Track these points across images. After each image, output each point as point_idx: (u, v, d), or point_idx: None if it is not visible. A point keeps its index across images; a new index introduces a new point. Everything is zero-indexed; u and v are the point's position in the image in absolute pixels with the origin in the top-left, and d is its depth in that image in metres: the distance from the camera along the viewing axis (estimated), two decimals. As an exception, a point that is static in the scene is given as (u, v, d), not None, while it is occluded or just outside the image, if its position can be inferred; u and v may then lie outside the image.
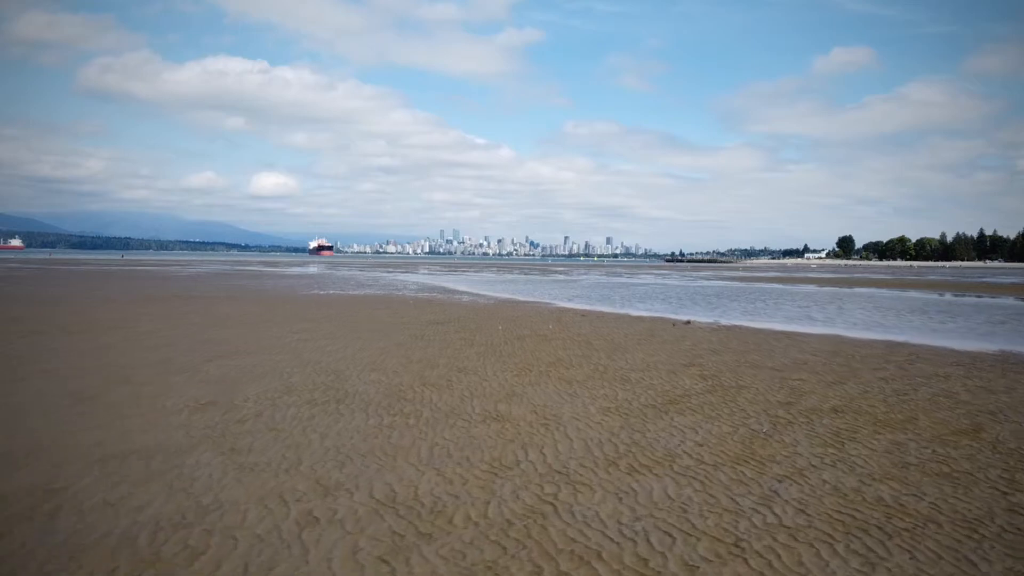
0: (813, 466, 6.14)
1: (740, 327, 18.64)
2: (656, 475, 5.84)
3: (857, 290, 42.29)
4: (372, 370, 10.73)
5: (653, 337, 15.74)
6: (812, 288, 44.71)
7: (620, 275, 70.70)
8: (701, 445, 6.75)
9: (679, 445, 6.74)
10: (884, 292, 40.23)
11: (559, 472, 5.87)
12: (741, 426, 7.57)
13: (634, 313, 23.18)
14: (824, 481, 5.73)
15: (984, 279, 64.68)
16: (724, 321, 20.44)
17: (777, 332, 17.50)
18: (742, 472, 5.93)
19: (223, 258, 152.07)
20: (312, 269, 71.18)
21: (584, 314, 21.95)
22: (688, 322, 19.48)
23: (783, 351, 13.70)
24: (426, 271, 73.08)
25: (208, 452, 6.31)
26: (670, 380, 10.28)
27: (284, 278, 46.32)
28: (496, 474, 5.80)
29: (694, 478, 5.76)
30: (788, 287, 45.79)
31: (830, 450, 6.65)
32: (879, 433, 7.34)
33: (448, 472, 5.82)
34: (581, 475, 5.81)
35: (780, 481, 5.71)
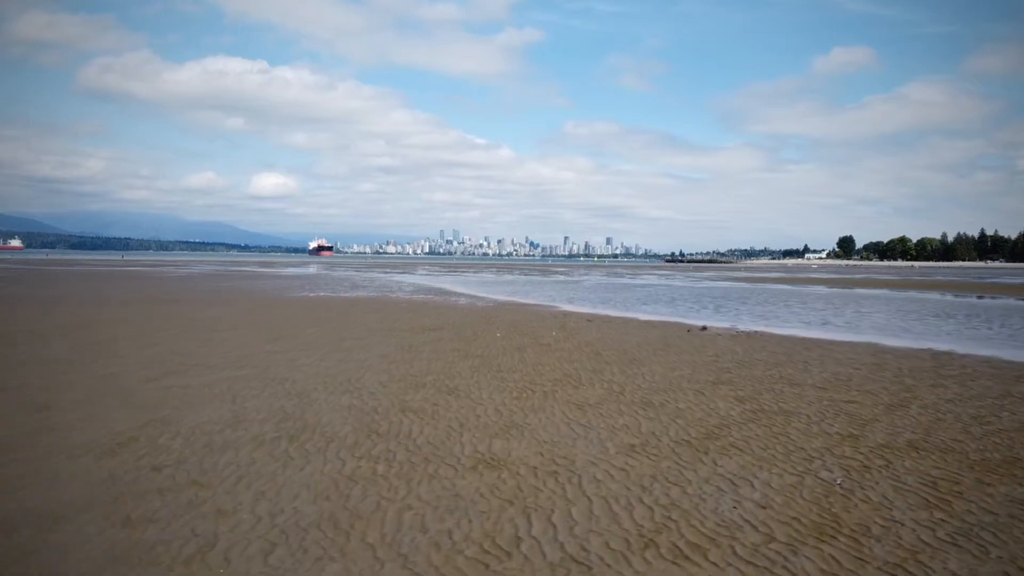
0: (927, 544, 4.44)
1: (761, 333, 16.94)
2: (715, 564, 4.13)
3: (868, 291, 40.58)
4: (345, 391, 9.03)
5: (669, 346, 14.03)
6: (821, 289, 43.02)
7: (622, 276, 68.96)
8: (764, 507, 5.04)
9: (734, 508, 5.03)
10: (896, 293, 38.54)
11: (577, 561, 4.15)
12: (806, 473, 5.87)
13: (643, 317, 21.46)
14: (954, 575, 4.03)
15: (992, 279, 62.83)
16: (741, 326, 18.72)
17: (804, 339, 15.81)
18: (833, 559, 4.22)
19: (222, 259, 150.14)
20: (309, 270, 69.39)
21: (590, 319, 20.24)
22: (704, 328, 17.77)
23: (819, 363, 12.01)
24: (425, 272, 71.27)
25: (95, 522, 4.61)
26: (700, 404, 8.58)
27: (278, 279, 44.61)
28: (487, 565, 4.09)
29: (770, 571, 4.06)
30: (796, 288, 44.10)
31: (937, 514, 4.95)
32: (985, 484, 5.65)
33: (420, 563, 4.10)
34: (609, 565, 4.10)
35: None
